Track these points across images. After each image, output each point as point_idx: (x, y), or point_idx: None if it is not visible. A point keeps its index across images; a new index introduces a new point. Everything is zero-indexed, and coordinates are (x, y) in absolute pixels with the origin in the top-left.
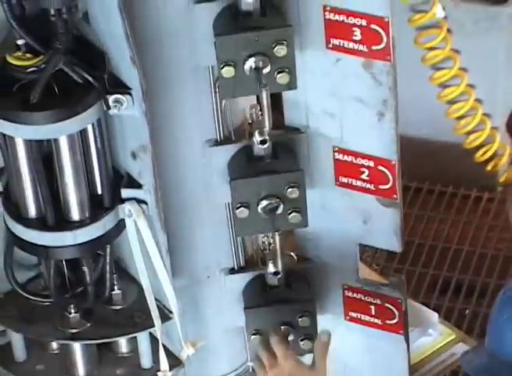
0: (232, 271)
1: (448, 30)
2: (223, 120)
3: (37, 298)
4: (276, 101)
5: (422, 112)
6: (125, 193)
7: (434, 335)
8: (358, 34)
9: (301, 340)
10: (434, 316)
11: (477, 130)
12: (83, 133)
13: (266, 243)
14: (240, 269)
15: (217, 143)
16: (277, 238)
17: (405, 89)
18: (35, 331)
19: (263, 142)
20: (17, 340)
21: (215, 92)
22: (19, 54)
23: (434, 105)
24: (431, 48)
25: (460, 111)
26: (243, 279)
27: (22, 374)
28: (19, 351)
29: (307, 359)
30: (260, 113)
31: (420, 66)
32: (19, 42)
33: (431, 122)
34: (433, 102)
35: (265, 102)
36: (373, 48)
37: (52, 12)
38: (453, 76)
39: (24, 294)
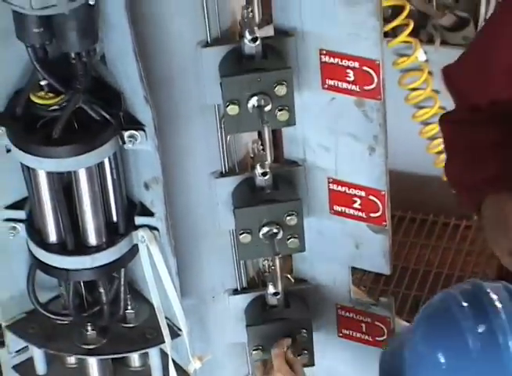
0: (235, 292)
1: (430, 73)
2: (228, 153)
3: (58, 317)
4: (276, 136)
5: (404, 147)
6: (138, 220)
7: None
8: (351, 76)
9: (299, 355)
10: None
11: None
12: (100, 165)
13: (266, 266)
14: (243, 290)
15: (222, 175)
16: (277, 261)
17: (390, 125)
18: (55, 347)
19: (264, 174)
20: (39, 355)
21: (221, 127)
22: (42, 93)
23: (416, 141)
24: (414, 89)
25: (440, 147)
26: (245, 299)
27: None
28: (41, 365)
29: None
30: (261, 147)
31: (404, 104)
32: (42, 83)
33: (414, 157)
34: (415, 138)
35: (266, 137)
36: (365, 88)
37: (73, 55)
38: (434, 114)
39: (45, 313)
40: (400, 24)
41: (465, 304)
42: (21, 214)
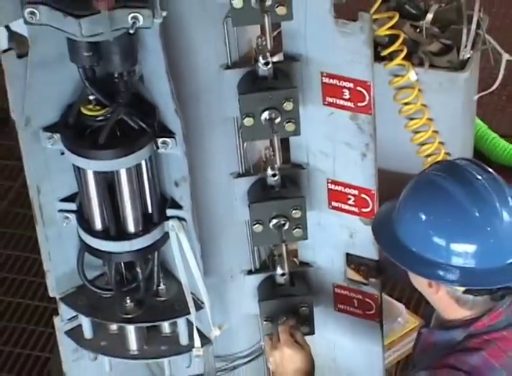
0: (249, 272)
1: (419, 90)
2: (244, 158)
3: (102, 291)
4: (284, 143)
5: (398, 151)
6: (169, 212)
7: (402, 323)
8: (347, 94)
9: (302, 325)
10: (402, 308)
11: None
12: (138, 166)
13: (275, 251)
14: (256, 271)
15: (239, 175)
16: (284, 248)
17: (386, 134)
18: (100, 316)
19: (274, 175)
20: (86, 322)
21: (239, 136)
22: (91, 106)
23: (408, 146)
24: (406, 103)
25: (427, 151)
26: (257, 278)
27: (90, 348)
28: (88, 331)
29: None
30: (272, 153)
31: (398, 116)
32: (91, 97)
33: (406, 159)
34: (407, 144)
35: (276, 144)
36: (359, 104)
37: (116, 75)
38: (423, 124)
39: (92, 288)
40: (395, 50)
41: (444, 174)
42: (72, 206)
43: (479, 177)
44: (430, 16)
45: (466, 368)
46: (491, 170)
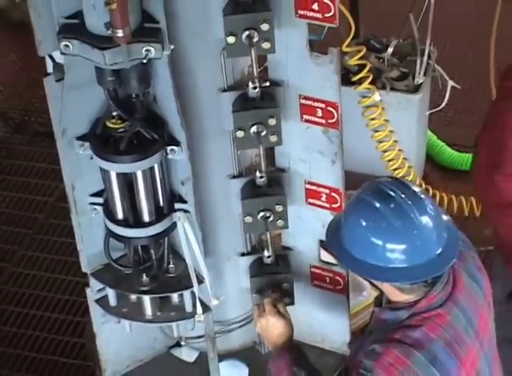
0: (242, 254)
1: (383, 108)
2: (238, 163)
3: (124, 268)
4: (270, 152)
5: (366, 157)
6: (177, 205)
7: (366, 296)
8: (319, 113)
9: (284, 298)
10: (367, 284)
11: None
12: (151, 169)
13: (263, 237)
14: (247, 253)
15: (233, 177)
16: (269, 235)
17: (357, 143)
18: (122, 288)
19: (261, 177)
20: (111, 293)
21: (233, 145)
22: (114, 121)
23: (373, 153)
24: (372, 119)
25: (389, 157)
26: (249, 259)
27: (114, 314)
28: (112, 300)
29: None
30: (259, 159)
31: (366, 129)
32: (114, 113)
33: (372, 163)
34: (373, 151)
35: (261, 152)
36: (329, 121)
37: (134, 95)
38: (385, 135)
39: (116, 265)
40: (363, 76)
41: (372, 194)
42: (100, 200)
43: (398, 192)
44: (390, 50)
45: (410, 341)
46: (410, 185)
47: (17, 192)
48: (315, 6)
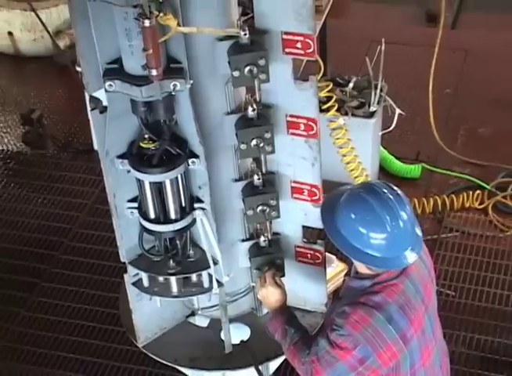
0: (243, 240)
1: (346, 130)
2: (240, 169)
3: (154, 256)
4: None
5: (333, 168)
6: (196, 205)
7: (334, 267)
8: (302, 127)
9: (277, 272)
10: (334, 258)
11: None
12: (176, 177)
13: (259, 227)
14: (247, 240)
15: (236, 180)
16: (267, 223)
17: (326, 157)
18: (153, 272)
19: (259, 179)
20: (144, 276)
21: (236, 156)
22: (146, 141)
23: (338, 166)
24: (338, 138)
25: (351, 167)
26: (249, 244)
27: (147, 292)
28: (145, 281)
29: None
30: (256, 165)
31: (333, 146)
32: (146, 136)
33: (337, 172)
34: (338, 163)
35: (262, 159)
36: (309, 133)
37: (162, 121)
38: (348, 151)
39: (148, 254)
40: (330, 105)
41: (365, 191)
42: (135, 204)
43: (385, 191)
44: (351, 85)
45: (372, 304)
46: (395, 188)
47: (63, 196)
48: (299, 45)
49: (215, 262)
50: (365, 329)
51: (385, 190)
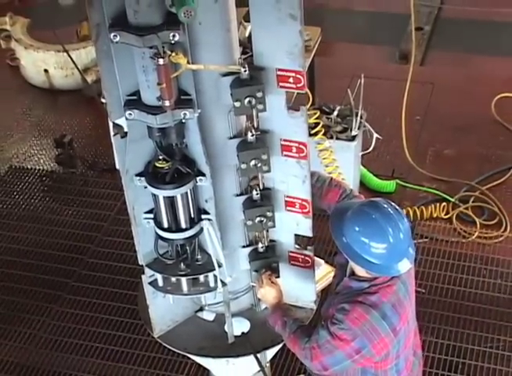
0: (243, 246)
1: (331, 151)
2: (241, 185)
3: (167, 260)
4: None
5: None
6: (203, 216)
7: (322, 269)
8: (294, 149)
9: (273, 273)
10: (322, 262)
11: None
12: (186, 192)
13: (258, 234)
14: (247, 246)
15: (238, 195)
16: (264, 232)
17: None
18: (167, 273)
19: (257, 194)
20: (159, 277)
21: (238, 174)
22: (160, 162)
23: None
24: (324, 158)
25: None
26: (249, 250)
27: (161, 291)
28: (160, 281)
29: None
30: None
31: (320, 164)
32: (160, 157)
33: None
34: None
35: (259, 176)
36: (300, 155)
37: (174, 144)
38: (333, 169)
39: (162, 258)
40: (318, 130)
41: (370, 207)
42: (151, 215)
43: (386, 206)
44: (336, 112)
45: (369, 303)
46: (393, 204)
47: (90, 208)
48: (291, 80)
49: (220, 265)
50: (363, 324)
51: (386, 205)
